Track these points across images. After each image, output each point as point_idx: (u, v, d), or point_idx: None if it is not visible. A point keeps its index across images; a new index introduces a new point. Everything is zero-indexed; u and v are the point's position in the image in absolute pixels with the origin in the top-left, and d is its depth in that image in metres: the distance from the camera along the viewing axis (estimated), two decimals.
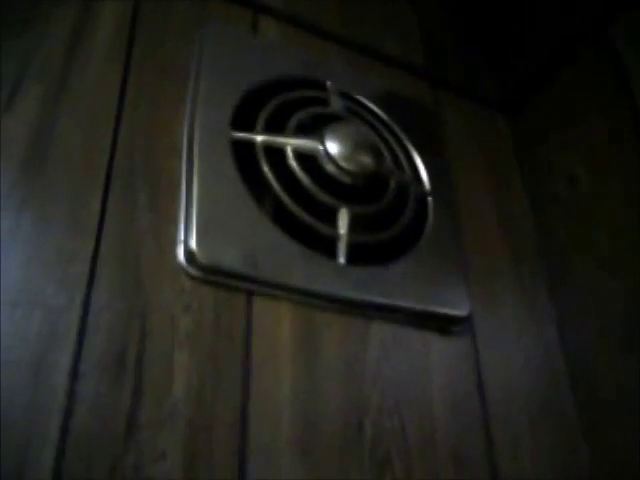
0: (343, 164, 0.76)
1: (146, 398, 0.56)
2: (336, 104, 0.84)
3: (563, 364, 0.85)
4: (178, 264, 0.63)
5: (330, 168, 0.76)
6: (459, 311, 0.77)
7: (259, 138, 0.74)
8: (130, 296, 0.60)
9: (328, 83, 0.86)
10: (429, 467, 0.67)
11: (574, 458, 0.79)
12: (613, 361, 0.80)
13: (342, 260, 0.71)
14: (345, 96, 0.87)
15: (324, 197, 0.74)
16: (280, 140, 0.75)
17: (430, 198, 0.84)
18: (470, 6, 1.15)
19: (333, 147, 0.76)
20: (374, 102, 0.89)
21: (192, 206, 0.66)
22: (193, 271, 0.63)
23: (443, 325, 0.77)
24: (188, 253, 0.63)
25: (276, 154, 0.75)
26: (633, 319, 0.79)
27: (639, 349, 0.77)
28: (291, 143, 0.76)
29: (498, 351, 0.81)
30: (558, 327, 0.87)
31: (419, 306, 0.75)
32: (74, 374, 0.54)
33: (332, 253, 0.72)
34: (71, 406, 0.53)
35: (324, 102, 0.84)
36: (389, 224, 0.78)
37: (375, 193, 0.79)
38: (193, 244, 0.63)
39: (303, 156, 0.76)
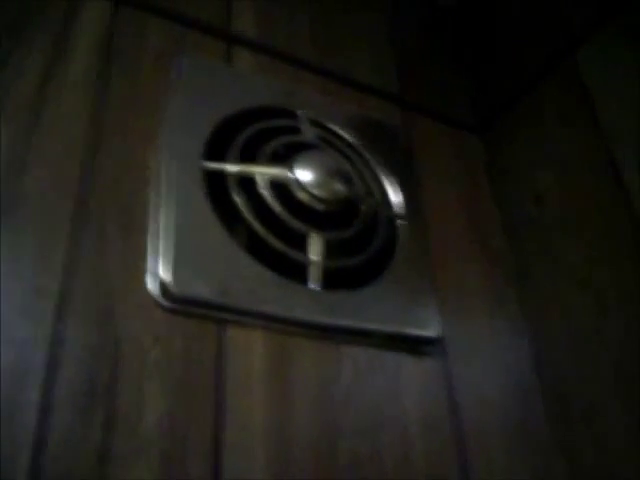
0: (314, 191, 0.77)
1: (118, 430, 0.56)
2: (308, 132, 0.86)
3: (536, 381, 0.85)
4: (150, 296, 0.64)
5: (302, 195, 0.77)
6: (430, 332, 0.79)
7: (230, 168, 0.76)
8: (101, 329, 0.60)
9: (299, 112, 0.87)
10: None
11: (550, 475, 0.79)
12: (584, 377, 0.81)
13: (314, 286, 0.72)
14: (317, 124, 0.88)
15: (295, 224, 0.75)
16: (250, 169, 0.77)
17: (400, 221, 0.86)
18: (441, 30, 1.18)
19: (304, 175, 0.78)
20: (345, 128, 0.91)
21: (163, 237, 0.66)
22: (166, 302, 0.64)
23: (415, 346, 0.78)
24: (160, 285, 0.64)
25: (249, 183, 0.76)
26: (603, 334, 0.80)
27: (609, 364, 0.78)
28: (261, 172, 0.77)
29: (471, 370, 0.81)
30: (530, 344, 0.88)
31: (390, 328, 0.76)
32: (44, 408, 0.54)
33: (305, 279, 0.73)
34: (42, 440, 0.53)
35: (297, 130, 0.86)
36: (361, 248, 0.79)
37: (347, 218, 0.81)
38: (165, 276, 0.64)
39: (276, 184, 0.77)
